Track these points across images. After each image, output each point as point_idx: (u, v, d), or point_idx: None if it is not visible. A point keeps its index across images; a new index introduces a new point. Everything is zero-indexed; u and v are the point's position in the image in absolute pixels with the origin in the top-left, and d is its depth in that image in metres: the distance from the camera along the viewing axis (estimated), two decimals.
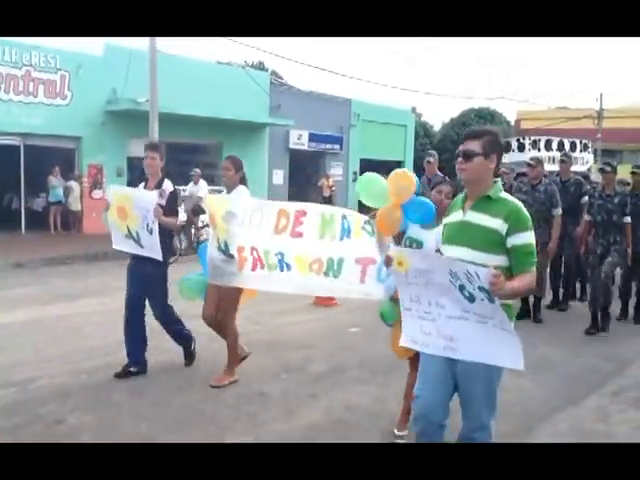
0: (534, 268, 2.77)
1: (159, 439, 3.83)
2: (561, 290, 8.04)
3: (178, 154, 19.46)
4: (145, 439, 3.83)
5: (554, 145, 18.88)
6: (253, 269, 4.56)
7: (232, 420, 4.25)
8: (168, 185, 5.06)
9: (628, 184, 9.56)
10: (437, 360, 2.88)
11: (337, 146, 23.33)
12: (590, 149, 20.40)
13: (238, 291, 4.85)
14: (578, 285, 8.57)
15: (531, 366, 5.51)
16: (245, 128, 19.42)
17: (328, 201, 21.93)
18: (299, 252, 4.41)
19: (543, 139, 19.21)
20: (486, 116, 33.27)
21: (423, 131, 31.71)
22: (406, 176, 4.03)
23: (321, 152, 22.97)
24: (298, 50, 62.20)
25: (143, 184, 5.14)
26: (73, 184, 16.03)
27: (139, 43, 14.89)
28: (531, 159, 7.53)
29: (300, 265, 4.42)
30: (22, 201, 15.96)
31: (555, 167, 8.67)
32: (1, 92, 14.58)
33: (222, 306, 4.94)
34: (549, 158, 18.06)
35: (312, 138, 22.18)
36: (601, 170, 6.84)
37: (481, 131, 2.90)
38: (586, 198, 7.46)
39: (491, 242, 2.76)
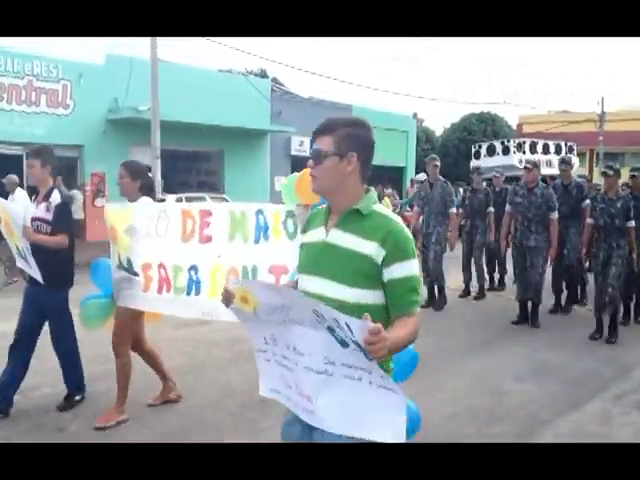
0: (418, 310, 2.04)
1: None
2: (564, 293, 8.03)
3: (179, 162, 19.57)
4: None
5: (539, 148, 18.66)
6: (159, 291, 4.10)
7: (233, 426, 4.25)
8: (56, 197, 4.33)
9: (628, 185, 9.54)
10: (292, 419, 2.11)
11: None
12: (575, 152, 20.25)
13: (133, 313, 4.27)
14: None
15: (534, 370, 5.57)
16: (246, 135, 19.48)
17: None
18: (213, 264, 3.87)
19: (528, 142, 18.94)
20: (487, 120, 33.25)
21: (425, 136, 31.74)
22: None
23: None
24: (299, 57, 62.40)
25: (34, 197, 4.52)
26: (76, 193, 16.09)
27: (140, 52, 15.01)
28: (527, 162, 7.49)
29: (213, 282, 3.86)
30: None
31: (544, 170, 8.65)
32: (3, 102, 14.67)
33: (114, 329, 4.31)
34: (528, 161, 17.97)
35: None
36: (604, 174, 6.74)
37: (333, 123, 2.06)
38: (587, 201, 7.44)
39: (362, 273, 1.98)
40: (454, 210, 8.00)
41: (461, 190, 16.77)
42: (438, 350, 6.15)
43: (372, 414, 1.88)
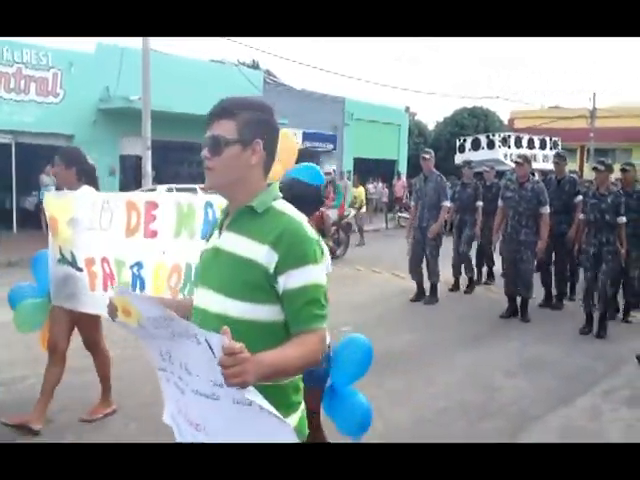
0: (322, 326, 1.67)
1: (148, 440, 3.78)
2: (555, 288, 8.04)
3: (171, 153, 19.43)
4: (134, 440, 3.79)
5: (524, 142, 18.70)
6: (104, 288, 3.78)
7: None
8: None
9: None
10: None
11: (331, 145, 23.28)
12: (559, 147, 20.27)
13: (72, 314, 3.98)
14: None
15: (524, 365, 5.57)
16: None
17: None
18: (158, 261, 3.60)
19: (513, 136, 18.99)
20: (479, 115, 33.28)
21: (417, 130, 31.72)
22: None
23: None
24: (292, 49, 62.12)
25: None
26: None
27: (132, 41, 14.84)
28: (518, 157, 7.43)
29: (156, 280, 3.62)
30: (14, 200, 15.86)
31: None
32: None
33: (82, 327, 4.10)
34: (519, 156, 17.97)
35: (306, 137, 22.12)
36: (595, 169, 6.71)
37: (235, 104, 1.73)
38: (580, 197, 7.46)
39: (251, 283, 1.65)
40: (447, 203, 7.93)
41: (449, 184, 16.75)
42: (429, 344, 6.16)
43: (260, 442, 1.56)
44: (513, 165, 9.67)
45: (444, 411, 4.47)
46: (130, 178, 17.33)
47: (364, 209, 15.20)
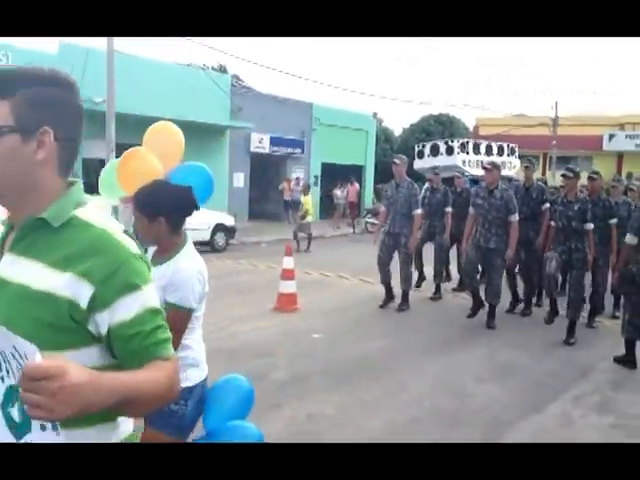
0: (172, 352, 1.32)
1: None
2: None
3: None
4: None
5: (482, 149, 18.72)
6: None
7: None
8: None
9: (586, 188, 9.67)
10: None
11: (298, 150, 23.21)
12: (517, 154, 20.55)
13: None
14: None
15: (495, 371, 5.56)
16: (205, 131, 19.13)
17: (290, 205, 21.82)
18: None
19: (471, 142, 19.07)
20: (445, 122, 33.69)
21: (384, 136, 31.89)
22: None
23: (282, 156, 22.82)
24: (260, 53, 61.96)
25: None
26: None
27: (96, 42, 14.54)
28: (487, 163, 7.36)
29: None
30: None
31: (481, 172, 8.65)
32: None
33: None
34: (477, 162, 18.11)
35: (273, 142, 22.01)
36: (563, 176, 6.69)
37: (11, 76, 1.25)
38: (547, 204, 7.53)
39: (46, 323, 1.21)
40: (418, 212, 7.77)
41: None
42: (400, 350, 6.10)
43: None
44: (470, 171, 9.83)
45: (417, 420, 4.41)
46: (93, 182, 16.80)
47: (309, 218, 14.73)
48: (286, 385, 5.00)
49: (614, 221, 7.25)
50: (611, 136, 34.73)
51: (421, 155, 19.14)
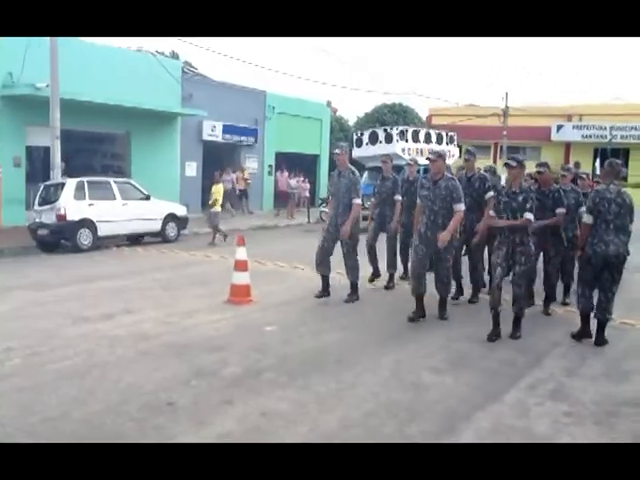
0: None
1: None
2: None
3: (83, 144, 18.41)
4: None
5: (421, 136, 18.65)
6: None
7: (137, 434, 3.85)
8: None
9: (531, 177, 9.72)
10: None
11: (252, 138, 22.88)
12: (455, 142, 20.56)
13: None
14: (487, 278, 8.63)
15: (450, 361, 5.51)
16: (155, 118, 18.61)
17: (243, 194, 21.51)
18: None
19: (410, 130, 18.87)
20: (399, 112, 33.79)
21: (338, 126, 31.78)
22: None
23: (236, 144, 22.45)
24: (214, 41, 60.78)
25: None
26: None
27: None
28: (432, 153, 7.03)
29: None
30: None
31: (425, 160, 8.49)
32: None
33: None
34: (417, 150, 18.07)
35: (226, 130, 21.62)
36: (506, 165, 6.33)
37: None
38: (491, 193, 7.40)
39: None
40: (358, 201, 7.48)
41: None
42: (355, 342, 6.00)
43: None
44: (409, 160, 9.67)
45: (372, 414, 4.31)
46: (38, 170, 16.25)
47: (218, 207, 14.05)
48: (238, 381, 4.82)
49: (561, 210, 7.23)
50: (559, 127, 35.58)
51: (359, 143, 18.88)
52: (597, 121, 34.29)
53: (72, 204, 12.04)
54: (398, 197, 8.66)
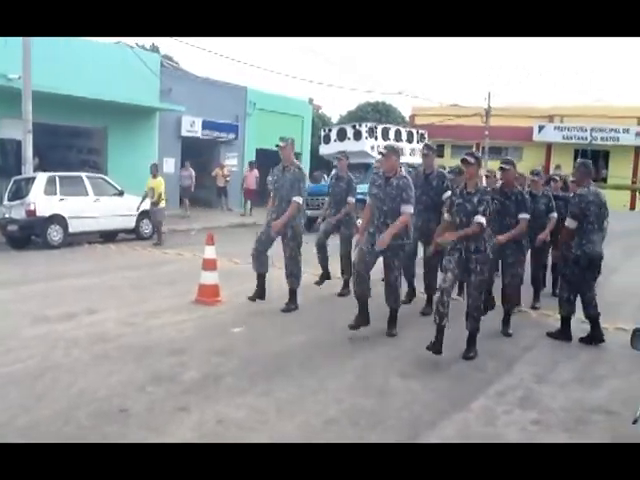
0: None
1: None
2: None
3: (58, 138, 18.06)
4: None
5: (391, 134, 18.33)
6: None
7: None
8: None
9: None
10: None
11: (232, 135, 22.61)
12: (426, 140, 20.24)
13: None
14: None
15: (420, 366, 5.35)
16: (132, 112, 18.27)
17: (222, 191, 21.25)
18: None
19: (380, 127, 18.58)
20: (382, 111, 33.72)
21: (321, 123, 31.61)
22: None
23: (215, 140, 22.18)
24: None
25: None
26: None
27: None
28: (384, 147, 6.37)
29: None
30: None
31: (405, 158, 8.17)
32: None
33: None
34: (385, 146, 17.70)
35: (206, 126, 21.34)
36: (463, 161, 5.64)
37: None
38: (449, 192, 6.81)
39: None
40: (298, 199, 6.86)
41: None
42: (320, 346, 5.82)
43: None
44: (378, 157, 8.93)
45: (333, 421, 4.15)
46: (10, 164, 15.86)
47: (163, 204, 13.20)
48: (197, 386, 4.63)
49: (524, 216, 6.43)
50: (540, 127, 35.77)
51: (327, 140, 18.53)
52: (578, 122, 34.51)
53: (42, 199, 11.75)
54: (351, 199, 8.03)
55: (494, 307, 7.05)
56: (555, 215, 7.67)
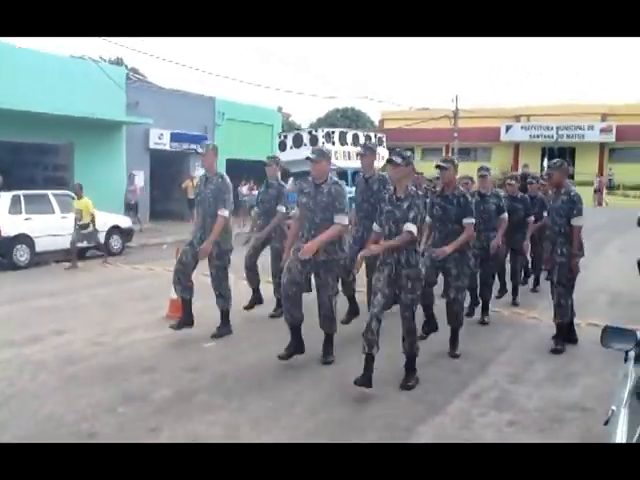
0: None
1: None
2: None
3: (23, 155, 17.72)
4: None
5: (349, 138, 18.02)
6: None
7: None
8: None
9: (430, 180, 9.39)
10: None
11: None
12: (385, 144, 19.91)
13: None
14: None
15: (395, 372, 5.28)
16: (99, 127, 18.03)
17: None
18: None
19: (337, 132, 18.32)
20: (351, 116, 33.93)
21: None
22: None
23: (185, 152, 22.00)
24: (163, 47, 59.97)
25: None
26: None
27: None
28: (313, 151, 5.57)
29: None
30: None
31: (353, 163, 7.75)
32: None
33: None
34: (344, 153, 17.54)
35: (174, 138, 21.16)
36: (389, 162, 4.99)
37: None
38: None
39: None
40: (224, 213, 6.17)
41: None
42: (295, 357, 5.72)
43: None
44: (337, 163, 8.44)
45: (309, 434, 4.09)
46: None
47: (92, 226, 12.06)
48: (169, 404, 4.53)
49: (469, 221, 5.76)
50: (508, 127, 36.29)
51: (283, 147, 18.24)
52: (544, 121, 35.09)
53: (7, 219, 11.47)
54: (282, 208, 7.16)
55: (437, 329, 6.12)
56: (506, 216, 7.27)
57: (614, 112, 34.43)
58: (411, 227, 4.75)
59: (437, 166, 5.93)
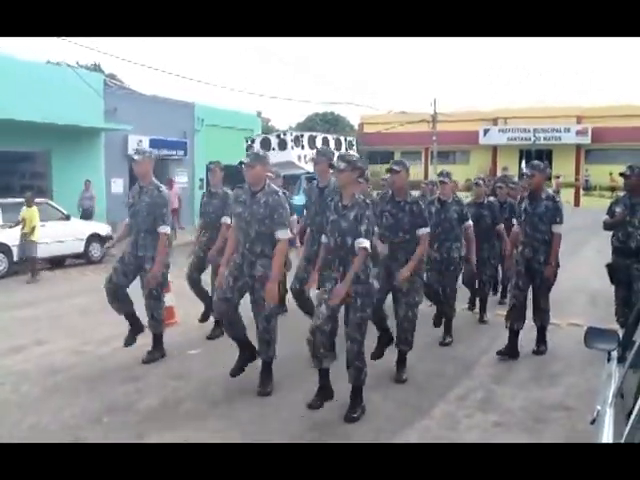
0: None
1: None
2: None
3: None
4: None
5: (318, 142, 17.55)
6: None
7: None
8: None
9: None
10: None
11: (181, 152, 22.34)
12: (355, 147, 19.53)
13: None
14: None
15: (380, 375, 5.31)
16: (76, 134, 17.85)
17: (173, 209, 20.95)
18: None
19: (306, 135, 17.99)
20: (331, 121, 34.03)
21: None
22: None
23: (164, 158, 21.87)
24: (138, 52, 59.61)
25: None
26: None
27: None
28: (248, 155, 5.05)
29: None
30: None
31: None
32: None
33: None
34: (248, 154, 17.23)
35: (153, 144, 20.97)
36: (332, 167, 4.74)
37: None
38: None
39: None
40: (164, 229, 5.63)
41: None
42: (281, 362, 5.56)
43: None
44: (307, 168, 7.49)
45: (295, 438, 4.08)
46: None
47: (35, 237, 11.25)
48: (154, 413, 4.50)
49: (423, 231, 5.19)
50: (486, 131, 36.61)
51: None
52: (521, 124, 35.49)
53: None
54: (227, 219, 6.41)
55: (391, 342, 5.53)
56: (470, 223, 6.64)
57: (589, 114, 34.95)
58: (364, 243, 4.27)
59: (388, 169, 5.34)
